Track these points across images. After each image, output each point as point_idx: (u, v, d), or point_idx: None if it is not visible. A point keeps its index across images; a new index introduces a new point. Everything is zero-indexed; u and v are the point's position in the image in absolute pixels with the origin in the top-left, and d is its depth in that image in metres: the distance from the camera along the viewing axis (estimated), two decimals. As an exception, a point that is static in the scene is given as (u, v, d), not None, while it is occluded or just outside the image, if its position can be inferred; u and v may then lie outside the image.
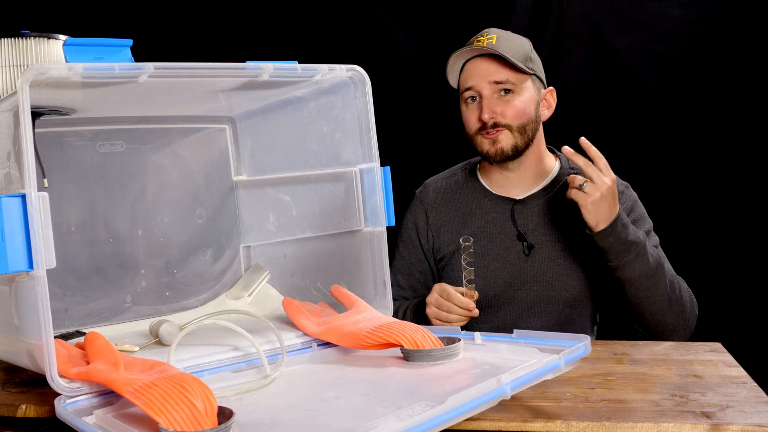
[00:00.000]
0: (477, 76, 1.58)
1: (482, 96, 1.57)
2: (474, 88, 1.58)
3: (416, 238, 1.72)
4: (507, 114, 1.57)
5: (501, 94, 1.57)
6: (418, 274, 1.72)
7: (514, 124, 1.57)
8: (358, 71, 1.25)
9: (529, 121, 1.59)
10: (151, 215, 1.48)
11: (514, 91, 1.57)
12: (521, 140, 1.59)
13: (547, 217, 1.62)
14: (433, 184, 1.75)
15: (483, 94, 1.57)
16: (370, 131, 1.28)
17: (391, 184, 1.31)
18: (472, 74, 1.59)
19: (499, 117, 1.56)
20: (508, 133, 1.57)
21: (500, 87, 1.56)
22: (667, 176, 2.17)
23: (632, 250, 1.42)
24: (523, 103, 1.58)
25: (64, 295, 1.35)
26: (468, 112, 1.61)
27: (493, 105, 1.56)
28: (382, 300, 1.29)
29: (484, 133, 1.58)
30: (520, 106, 1.57)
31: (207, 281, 1.53)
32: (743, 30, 2.11)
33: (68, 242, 1.37)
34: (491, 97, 1.57)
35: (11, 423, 1.04)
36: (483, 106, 1.56)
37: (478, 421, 0.98)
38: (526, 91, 1.59)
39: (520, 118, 1.57)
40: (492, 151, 1.59)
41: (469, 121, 1.61)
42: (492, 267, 1.61)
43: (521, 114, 1.57)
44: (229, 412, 0.85)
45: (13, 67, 1.18)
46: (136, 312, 1.43)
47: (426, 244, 1.71)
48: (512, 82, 1.56)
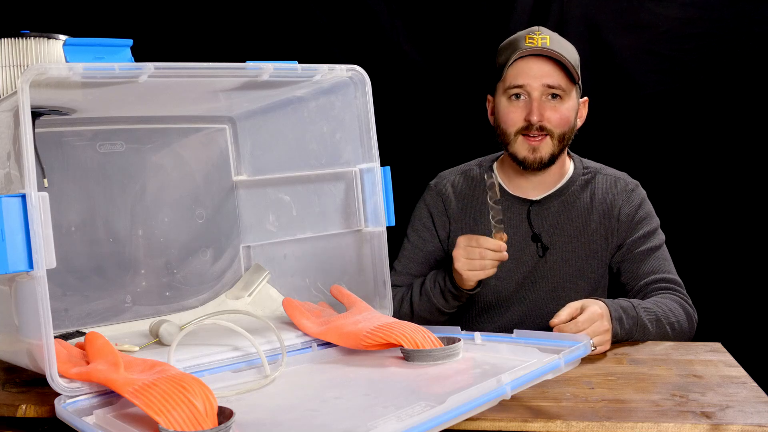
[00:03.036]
0: (530, 76, 1.54)
1: (532, 97, 1.54)
2: (525, 87, 1.54)
3: (432, 227, 1.69)
4: (552, 120, 1.54)
5: (549, 98, 1.54)
6: (433, 263, 1.68)
7: (557, 131, 1.55)
8: (358, 71, 1.25)
9: (569, 130, 1.57)
10: (151, 215, 1.48)
11: (562, 97, 1.55)
12: (558, 148, 1.57)
13: (561, 218, 1.62)
14: (449, 177, 1.72)
15: (532, 95, 1.54)
16: (370, 131, 1.28)
17: (391, 184, 1.31)
18: (524, 73, 1.54)
19: (545, 121, 1.54)
20: (549, 140, 1.55)
21: (551, 91, 1.54)
22: (667, 176, 2.18)
23: (635, 334, 1.40)
24: (568, 110, 1.56)
25: (64, 295, 1.35)
26: (511, 107, 1.57)
27: (543, 108, 1.54)
28: (382, 300, 1.29)
29: (529, 135, 1.55)
30: (566, 113, 1.55)
31: (207, 281, 1.53)
32: (743, 30, 2.11)
33: (68, 242, 1.37)
34: (540, 99, 1.54)
35: (11, 423, 1.04)
36: (533, 107, 1.53)
37: (478, 421, 0.98)
38: (572, 99, 1.57)
39: (563, 125, 1.55)
40: (531, 158, 1.56)
41: (511, 118, 1.56)
42: (506, 267, 1.60)
43: (565, 121, 1.55)
44: (229, 412, 0.85)
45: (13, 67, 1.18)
46: (136, 312, 1.43)
47: (443, 233, 1.68)
48: (563, 88, 1.54)
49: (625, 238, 1.60)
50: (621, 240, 1.61)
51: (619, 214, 1.61)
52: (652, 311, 1.42)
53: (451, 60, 2.25)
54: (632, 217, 1.61)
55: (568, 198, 1.63)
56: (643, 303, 1.44)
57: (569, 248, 1.61)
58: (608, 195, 1.63)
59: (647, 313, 1.41)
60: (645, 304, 1.44)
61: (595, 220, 1.61)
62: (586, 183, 1.64)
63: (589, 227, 1.61)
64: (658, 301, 1.47)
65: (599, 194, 1.63)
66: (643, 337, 1.39)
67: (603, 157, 1.73)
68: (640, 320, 1.38)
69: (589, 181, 1.64)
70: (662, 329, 1.42)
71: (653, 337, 1.40)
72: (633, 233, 1.60)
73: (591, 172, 1.66)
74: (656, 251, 1.59)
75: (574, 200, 1.63)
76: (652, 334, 1.40)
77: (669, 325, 1.43)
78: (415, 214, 1.73)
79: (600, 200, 1.62)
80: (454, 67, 2.26)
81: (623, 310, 1.37)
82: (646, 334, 1.40)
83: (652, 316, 1.41)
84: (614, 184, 1.64)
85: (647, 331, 1.40)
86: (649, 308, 1.42)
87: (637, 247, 1.59)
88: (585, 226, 1.61)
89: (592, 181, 1.64)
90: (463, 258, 1.43)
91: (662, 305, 1.46)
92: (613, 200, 1.62)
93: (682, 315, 1.47)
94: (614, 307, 1.36)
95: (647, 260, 1.58)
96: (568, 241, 1.61)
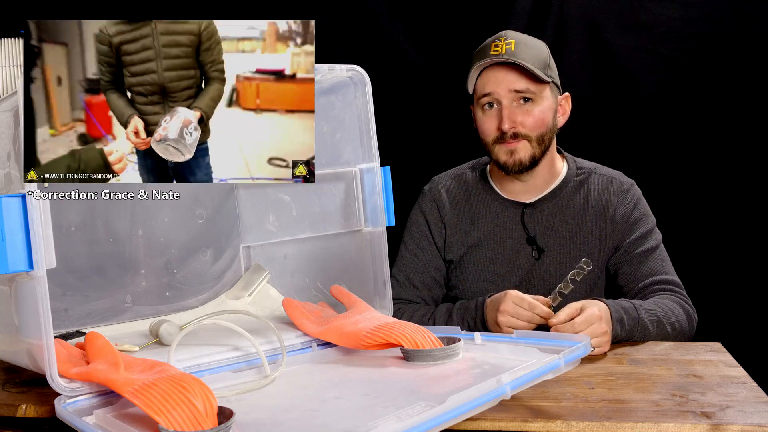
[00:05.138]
0: (496, 83, 1.54)
1: (501, 104, 1.54)
2: (493, 95, 1.54)
3: (429, 234, 1.69)
4: (526, 124, 1.54)
5: (520, 102, 1.54)
6: (434, 271, 1.68)
7: (533, 134, 1.54)
8: (358, 71, 1.25)
9: (547, 131, 1.57)
10: (151, 215, 1.48)
11: (534, 99, 1.54)
12: (539, 150, 1.56)
13: (555, 220, 1.62)
14: (443, 182, 1.72)
15: (502, 102, 1.54)
16: (370, 131, 1.28)
17: (391, 184, 1.31)
18: (490, 81, 1.55)
19: (519, 127, 1.53)
20: (526, 143, 1.55)
21: (520, 96, 1.54)
22: (666, 176, 2.17)
23: (635, 335, 1.40)
24: (542, 112, 1.55)
25: (64, 295, 1.35)
26: (485, 118, 1.57)
27: (513, 114, 1.53)
28: (382, 300, 1.29)
29: (503, 142, 1.55)
30: (539, 115, 1.55)
31: (207, 281, 1.53)
32: (743, 30, 2.11)
33: (68, 242, 1.37)
34: (511, 106, 1.54)
35: (11, 423, 1.04)
36: (503, 115, 1.53)
37: (478, 421, 0.98)
38: (545, 99, 1.56)
39: (539, 128, 1.55)
40: (510, 162, 1.56)
41: (486, 129, 1.57)
42: (501, 271, 1.61)
43: (540, 124, 1.55)
44: (229, 412, 0.85)
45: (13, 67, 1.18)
46: (136, 312, 1.43)
47: (439, 240, 1.68)
48: (532, 91, 1.53)
49: (622, 239, 1.60)
50: (617, 241, 1.60)
51: (614, 215, 1.60)
52: (652, 311, 1.42)
53: (451, 60, 2.25)
54: (628, 218, 1.60)
55: (561, 200, 1.63)
56: (644, 303, 1.44)
57: (564, 250, 1.61)
58: (603, 196, 1.62)
59: (648, 313, 1.41)
60: (646, 304, 1.44)
61: (590, 221, 1.61)
62: (580, 184, 1.64)
63: (584, 228, 1.61)
64: (658, 302, 1.47)
65: (594, 195, 1.62)
66: (643, 337, 1.39)
67: (602, 156, 1.73)
68: (641, 321, 1.38)
69: (583, 182, 1.64)
70: (662, 329, 1.42)
71: (653, 337, 1.40)
72: (629, 235, 1.59)
73: (585, 172, 1.65)
74: (654, 252, 1.58)
75: (568, 202, 1.62)
76: (652, 335, 1.40)
77: (669, 325, 1.43)
78: (412, 220, 1.72)
79: (595, 201, 1.62)
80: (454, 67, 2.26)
81: (624, 310, 1.37)
82: (647, 334, 1.40)
83: (652, 316, 1.41)
84: (609, 184, 1.63)
85: (648, 331, 1.40)
86: (650, 309, 1.42)
87: (634, 248, 1.58)
88: (580, 227, 1.61)
89: (587, 182, 1.64)
90: (510, 316, 1.38)
91: (662, 305, 1.46)
92: (608, 201, 1.61)
93: (682, 315, 1.47)
94: (615, 308, 1.36)
95: (645, 262, 1.57)
96: (563, 242, 1.61)
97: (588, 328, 1.28)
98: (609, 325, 1.32)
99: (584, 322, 1.28)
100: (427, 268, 1.68)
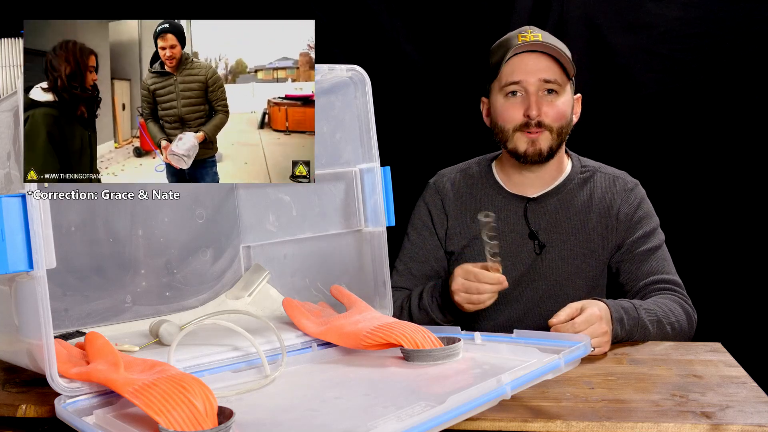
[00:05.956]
0: (526, 71, 1.55)
1: (529, 93, 1.55)
2: (522, 83, 1.55)
3: (431, 225, 1.70)
4: (550, 114, 1.55)
5: (545, 93, 1.55)
6: (434, 262, 1.69)
7: (554, 125, 1.56)
8: (358, 71, 1.25)
9: (566, 124, 1.58)
10: (151, 215, 1.48)
11: (558, 92, 1.56)
12: (557, 143, 1.58)
13: (558, 216, 1.62)
14: (449, 175, 1.73)
15: (529, 90, 1.55)
16: (370, 131, 1.28)
17: (391, 184, 1.31)
18: (521, 68, 1.55)
19: (543, 116, 1.55)
20: (548, 134, 1.56)
21: (547, 86, 1.55)
22: (667, 176, 2.17)
23: (635, 335, 1.40)
24: (564, 105, 1.57)
25: (64, 295, 1.35)
26: (507, 104, 1.57)
27: (540, 103, 1.55)
28: (382, 300, 1.29)
29: (527, 130, 1.56)
30: (562, 107, 1.56)
31: (207, 281, 1.53)
32: (743, 30, 2.11)
33: (68, 242, 1.37)
34: (537, 94, 1.55)
35: (11, 423, 1.04)
36: (531, 102, 1.54)
37: (478, 421, 0.98)
38: (567, 94, 1.58)
39: (560, 120, 1.56)
40: (530, 150, 1.56)
41: (508, 116, 1.57)
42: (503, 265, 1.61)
43: (562, 116, 1.57)
44: (229, 412, 0.85)
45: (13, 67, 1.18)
46: (136, 312, 1.43)
47: (441, 231, 1.69)
48: (558, 83, 1.55)
49: (625, 238, 1.60)
50: (620, 240, 1.61)
51: (618, 213, 1.61)
52: (652, 312, 1.42)
53: (451, 60, 2.25)
54: (631, 217, 1.61)
55: (565, 196, 1.63)
56: (644, 304, 1.44)
57: (567, 246, 1.61)
58: (607, 194, 1.63)
59: (648, 313, 1.41)
60: (646, 304, 1.44)
61: (593, 219, 1.61)
62: (584, 181, 1.64)
63: (587, 226, 1.61)
64: (658, 301, 1.47)
65: (598, 193, 1.63)
66: (643, 337, 1.39)
67: (603, 156, 1.73)
68: (641, 321, 1.38)
69: (587, 180, 1.65)
70: (662, 329, 1.42)
71: (653, 337, 1.41)
72: (632, 233, 1.60)
73: (589, 170, 1.66)
74: (656, 251, 1.59)
75: (572, 198, 1.63)
76: (652, 335, 1.40)
77: (669, 325, 1.43)
78: (415, 212, 1.73)
79: (599, 199, 1.62)
80: (454, 67, 2.26)
81: (624, 310, 1.37)
82: (647, 334, 1.40)
83: (652, 316, 1.41)
84: (613, 182, 1.64)
85: (648, 331, 1.40)
86: (650, 309, 1.43)
87: (636, 247, 1.59)
88: (583, 224, 1.61)
89: (591, 180, 1.64)
90: (462, 293, 1.43)
91: (662, 305, 1.46)
92: (612, 199, 1.62)
93: (682, 315, 1.47)
94: (615, 308, 1.36)
95: (647, 261, 1.57)
96: (566, 239, 1.61)
97: (588, 328, 1.28)
98: (609, 325, 1.33)
99: (584, 322, 1.28)
100: (428, 258, 1.69)
